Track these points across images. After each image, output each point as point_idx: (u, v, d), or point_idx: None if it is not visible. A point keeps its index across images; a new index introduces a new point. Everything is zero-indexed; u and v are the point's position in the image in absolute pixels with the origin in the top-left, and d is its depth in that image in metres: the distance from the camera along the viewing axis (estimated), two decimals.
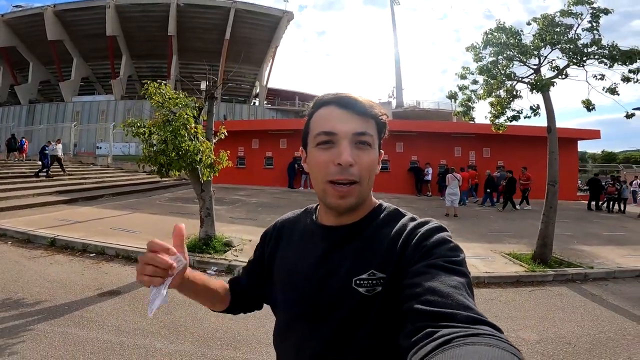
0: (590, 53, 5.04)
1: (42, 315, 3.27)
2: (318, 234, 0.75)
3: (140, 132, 4.84)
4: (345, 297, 0.65)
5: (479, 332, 0.42)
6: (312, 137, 0.69)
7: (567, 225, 9.23)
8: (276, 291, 0.78)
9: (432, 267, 0.55)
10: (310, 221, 0.79)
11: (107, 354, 2.71)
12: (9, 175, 11.37)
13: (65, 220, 6.86)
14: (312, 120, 0.71)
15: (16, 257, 4.95)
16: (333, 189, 0.66)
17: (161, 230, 6.33)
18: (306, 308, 0.70)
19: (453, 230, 4.80)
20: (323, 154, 0.67)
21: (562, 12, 5.39)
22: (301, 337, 0.71)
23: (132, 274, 4.57)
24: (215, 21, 33.03)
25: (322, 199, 0.70)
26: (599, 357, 3.00)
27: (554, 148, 5.74)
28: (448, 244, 0.61)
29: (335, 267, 0.68)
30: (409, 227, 0.67)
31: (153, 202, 10.35)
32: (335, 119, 0.67)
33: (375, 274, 0.64)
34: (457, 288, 0.51)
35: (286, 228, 0.84)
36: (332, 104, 0.69)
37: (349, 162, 0.64)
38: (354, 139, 0.66)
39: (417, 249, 0.61)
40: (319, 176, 0.68)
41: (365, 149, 0.67)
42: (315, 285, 0.69)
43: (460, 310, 0.46)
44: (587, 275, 5.35)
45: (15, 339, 2.84)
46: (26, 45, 34.49)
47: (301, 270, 0.72)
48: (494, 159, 15.66)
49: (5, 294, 3.67)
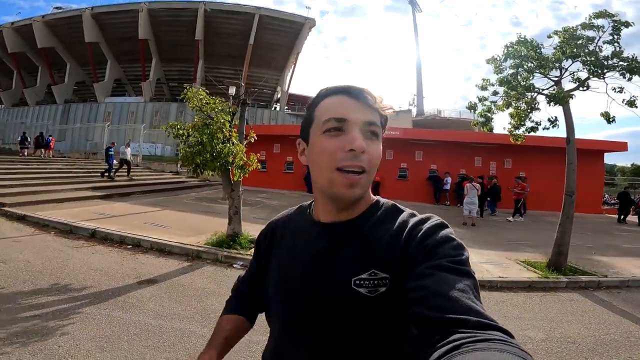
0: (610, 65, 5.13)
1: (89, 300, 3.64)
2: (314, 231, 0.71)
3: (180, 133, 5.29)
4: (345, 298, 0.62)
5: (489, 337, 0.41)
6: (319, 125, 0.66)
7: (587, 237, 9.17)
8: (270, 295, 0.75)
9: (437, 269, 0.53)
10: (306, 219, 0.76)
11: (148, 335, 3.03)
12: (47, 171, 12.23)
13: (103, 214, 7.44)
14: (317, 109, 0.69)
15: (60, 246, 5.47)
16: (343, 177, 0.62)
17: (190, 227, 6.81)
18: (302, 312, 0.67)
19: (469, 239, 5.20)
20: (332, 140, 0.64)
21: (583, 25, 5.50)
22: (297, 345, 0.68)
23: (166, 265, 5.00)
24: (240, 27, 33.69)
25: (328, 190, 0.66)
26: (600, 356, 3.16)
27: (572, 159, 5.83)
28: (452, 242, 0.59)
29: (333, 267, 0.65)
30: (410, 224, 0.64)
31: (180, 201, 10.91)
32: (345, 107, 0.65)
33: (377, 273, 0.61)
34: (464, 291, 0.49)
35: (279, 227, 0.81)
36: (342, 93, 0.67)
37: (362, 148, 0.62)
38: (365, 128, 0.64)
39: (420, 247, 0.59)
40: (325, 164, 0.64)
41: (374, 140, 0.66)
42: (311, 287, 0.66)
43: (470, 316, 0.45)
44: (600, 283, 5.45)
45: (66, 320, 3.15)
46: (64, 46, 35.95)
47: (296, 271, 0.69)
48: (516, 170, 15.40)
49: (53, 280, 4.10)
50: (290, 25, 35.03)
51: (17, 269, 4.29)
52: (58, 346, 2.72)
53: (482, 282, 5.09)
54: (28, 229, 6.22)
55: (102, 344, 2.82)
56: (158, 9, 32.87)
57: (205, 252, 5.49)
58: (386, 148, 5.31)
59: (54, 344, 2.74)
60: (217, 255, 5.41)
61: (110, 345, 2.81)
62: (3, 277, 4.00)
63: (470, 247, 7.08)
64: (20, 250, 5.01)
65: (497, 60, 5.81)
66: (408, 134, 17.26)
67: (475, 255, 6.46)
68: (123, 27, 33.48)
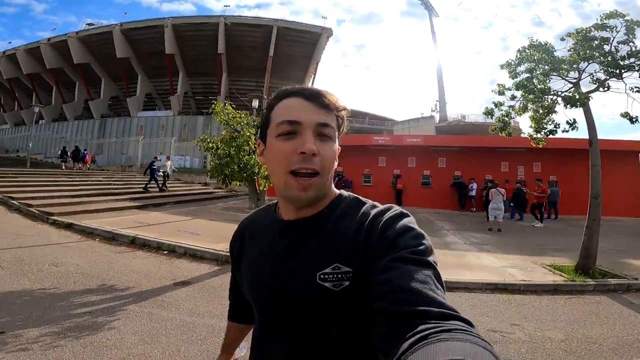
0: (626, 65, 5.08)
1: (132, 299, 4.02)
2: (278, 229, 0.72)
3: (210, 147, 5.70)
4: (311, 294, 0.63)
5: (451, 327, 0.42)
6: (274, 127, 0.68)
7: (621, 241, 8.89)
8: (246, 294, 0.78)
9: (398, 261, 0.55)
10: (271, 218, 0.77)
11: (184, 330, 3.33)
12: (88, 183, 13.18)
13: (140, 223, 7.99)
14: (274, 111, 0.69)
15: (105, 251, 5.98)
16: (295, 181, 0.64)
17: (219, 234, 7.20)
18: (272, 308, 0.69)
19: (494, 244, 5.37)
20: (285, 144, 0.65)
21: (595, 26, 5.47)
22: (271, 341, 0.70)
23: (199, 269, 5.37)
24: (260, 39, 34.49)
25: (282, 192, 0.68)
26: (621, 357, 3.15)
27: (596, 161, 5.75)
28: (411, 232, 0.60)
29: (298, 263, 0.66)
30: (371, 215, 0.66)
31: (209, 210, 11.45)
32: (299, 109, 0.66)
33: (340, 267, 0.62)
34: (425, 282, 0.51)
35: (248, 228, 0.83)
36: (297, 95, 0.68)
37: (312, 150, 0.63)
38: (317, 130, 0.65)
39: (381, 239, 0.60)
40: (279, 167, 0.66)
41: (327, 141, 0.66)
42: (278, 284, 0.67)
43: (432, 307, 0.47)
44: (630, 286, 5.28)
45: (112, 317, 3.49)
46: (98, 62, 37.72)
47: (264, 269, 0.71)
48: (546, 174, 14.92)
49: (100, 281, 4.53)
50: (308, 35, 35.61)
51: (68, 271, 4.78)
52: (106, 339, 3.05)
53: (504, 285, 5.07)
54: (75, 236, 6.82)
55: (143, 338, 3.14)
56: (181, 24, 34.24)
57: None
58: (408, 156, 5.66)
59: (102, 337, 3.08)
60: None
61: (151, 339, 3.13)
62: (56, 279, 4.47)
63: (495, 253, 7.11)
64: (69, 255, 5.53)
65: (512, 64, 5.86)
66: (430, 141, 17.19)
67: (499, 260, 6.44)
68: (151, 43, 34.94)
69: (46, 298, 3.84)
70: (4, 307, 3.52)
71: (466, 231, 10.02)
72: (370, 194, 5.13)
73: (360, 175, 16.58)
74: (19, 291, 3.97)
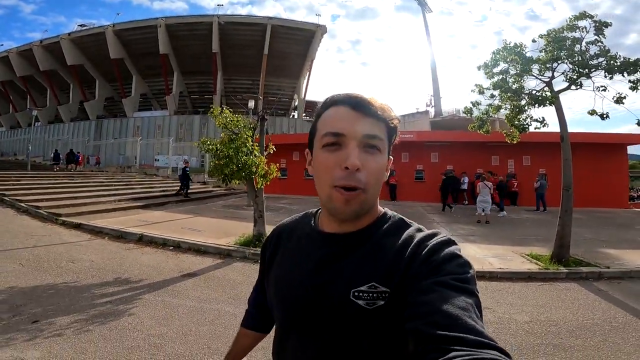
0: (594, 65, 5.52)
1: (145, 289, 4.47)
2: (317, 240, 0.72)
3: (210, 148, 6.14)
4: (342, 309, 0.62)
5: (485, 356, 0.42)
6: (319, 138, 0.67)
7: (604, 231, 9.29)
8: (271, 297, 0.76)
9: (440, 285, 0.54)
10: (310, 227, 0.76)
11: (194, 314, 3.78)
12: (90, 184, 13.53)
13: (145, 221, 8.44)
14: (320, 120, 0.69)
15: (115, 248, 6.42)
16: (339, 194, 0.63)
17: (220, 230, 7.70)
18: (300, 317, 0.68)
19: (480, 235, 5.99)
20: (329, 156, 0.64)
21: (566, 27, 5.89)
22: (296, 348, 0.69)
23: (203, 262, 5.83)
24: (254, 37, 34.58)
25: (326, 204, 0.67)
26: (577, 338, 3.41)
27: (567, 155, 6.18)
28: (458, 260, 0.59)
29: (333, 277, 0.65)
30: (416, 239, 0.64)
31: (209, 208, 11.94)
32: (344, 120, 0.64)
33: (377, 286, 0.61)
34: (465, 310, 0.49)
35: (285, 233, 0.81)
36: (343, 103, 0.66)
37: (356, 166, 0.61)
38: (363, 141, 0.63)
39: (425, 263, 0.59)
40: (324, 180, 0.65)
41: (374, 153, 0.64)
42: (310, 294, 0.66)
43: (469, 334, 0.45)
44: (601, 274, 5.50)
45: (130, 305, 3.92)
46: (92, 63, 37.67)
47: (297, 277, 0.70)
48: (535, 167, 15.46)
49: (115, 274, 4.98)
50: (302, 33, 35.68)
51: (84, 267, 5.22)
52: (127, 323, 3.49)
53: (482, 272, 5.43)
54: (85, 235, 7.25)
55: (159, 321, 3.59)
56: (175, 23, 34.22)
57: (235, 250, 6.32)
58: (401, 151, 6.38)
59: (124, 322, 3.52)
60: (245, 253, 6.20)
61: (166, 322, 3.57)
62: (75, 274, 4.91)
63: (479, 243, 7.56)
64: (83, 252, 5.97)
65: (488, 66, 6.30)
66: (422, 137, 17.64)
67: (481, 250, 6.79)
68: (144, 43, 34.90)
69: (69, 290, 4.28)
70: (34, 299, 3.95)
71: (455, 223, 10.44)
72: None
73: None
74: (43, 285, 4.41)
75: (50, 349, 2.89)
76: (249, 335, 0.91)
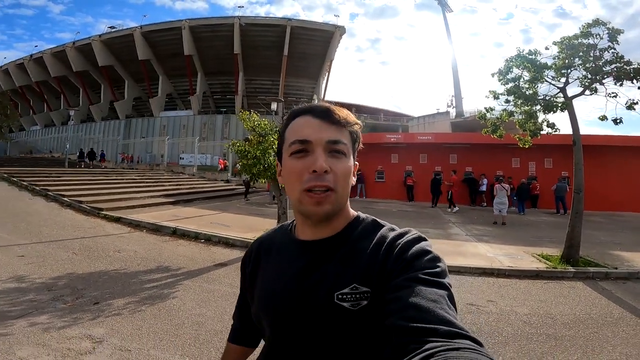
0: (605, 72, 5.70)
1: (184, 276, 5.07)
2: (295, 249, 0.73)
3: (240, 149, 6.72)
4: (328, 313, 0.63)
5: (459, 346, 0.43)
6: (287, 147, 0.70)
7: (620, 235, 9.28)
8: (257, 310, 0.75)
9: (412, 281, 0.56)
10: (287, 237, 0.78)
11: (227, 297, 4.32)
12: (124, 181, 14.54)
13: (176, 216, 9.18)
14: (287, 130, 0.72)
15: (153, 240, 7.13)
16: (309, 197, 0.66)
17: (246, 225, 8.35)
18: (288, 327, 0.68)
19: (495, 236, 6.58)
20: (297, 162, 0.67)
21: (579, 34, 6.08)
22: (287, 359, 0.70)
23: (232, 254, 6.43)
24: (274, 38, 35.39)
25: (298, 208, 0.70)
26: (569, 329, 3.68)
27: (579, 159, 6.37)
28: (428, 255, 0.61)
29: (316, 283, 0.67)
30: (389, 238, 0.67)
31: (234, 205, 12.65)
32: (310, 127, 0.68)
33: (358, 287, 0.63)
34: (437, 302, 0.52)
35: (264, 245, 0.82)
36: (307, 113, 0.70)
37: (323, 168, 0.64)
38: (328, 147, 0.67)
39: (398, 261, 0.61)
40: (294, 186, 0.68)
41: (340, 157, 0.68)
42: (295, 303, 0.67)
43: (442, 325, 0.47)
44: (608, 274, 5.65)
45: (173, 289, 4.48)
46: (122, 64, 39.63)
47: (281, 288, 0.71)
48: (557, 169, 15.25)
49: (157, 263, 5.62)
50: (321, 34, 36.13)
51: (129, 256, 5.92)
52: (173, 305, 4.06)
53: (491, 270, 5.74)
54: (125, 228, 8.03)
55: (199, 303, 4.16)
56: (198, 25, 35.37)
57: None
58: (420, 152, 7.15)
59: (170, 303, 4.09)
60: None
61: (205, 304, 4.14)
62: (123, 262, 5.60)
63: (492, 243, 7.88)
64: (126, 243, 6.70)
65: (502, 73, 6.56)
66: (440, 138, 17.69)
67: (493, 249, 7.06)
68: (170, 44, 36.35)
69: (120, 277, 4.94)
70: (91, 284, 4.59)
71: (471, 224, 10.65)
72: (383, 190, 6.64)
73: (373, 171, 17.18)
74: (98, 272, 5.09)
75: (112, 326, 3.37)
76: (237, 350, 0.90)
